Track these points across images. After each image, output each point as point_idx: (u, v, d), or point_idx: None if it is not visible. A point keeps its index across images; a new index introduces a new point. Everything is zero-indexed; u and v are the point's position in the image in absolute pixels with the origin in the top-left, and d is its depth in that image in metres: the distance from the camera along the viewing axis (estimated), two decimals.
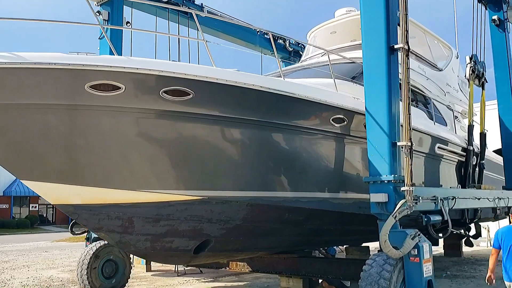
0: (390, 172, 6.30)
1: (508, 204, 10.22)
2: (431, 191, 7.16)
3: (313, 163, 7.78)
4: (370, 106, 6.63)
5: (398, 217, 6.03)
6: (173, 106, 6.04)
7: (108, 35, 11.02)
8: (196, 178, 6.69)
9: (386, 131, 6.36)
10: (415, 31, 13.31)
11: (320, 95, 7.29)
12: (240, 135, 6.87)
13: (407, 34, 6.47)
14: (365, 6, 6.78)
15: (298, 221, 8.06)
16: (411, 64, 11.32)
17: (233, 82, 6.23)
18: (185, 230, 7.03)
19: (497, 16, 11.88)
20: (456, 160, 11.63)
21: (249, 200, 7.14)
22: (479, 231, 15.62)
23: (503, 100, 11.79)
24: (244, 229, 7.56)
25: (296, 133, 7.40)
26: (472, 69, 11.71)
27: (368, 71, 6.70)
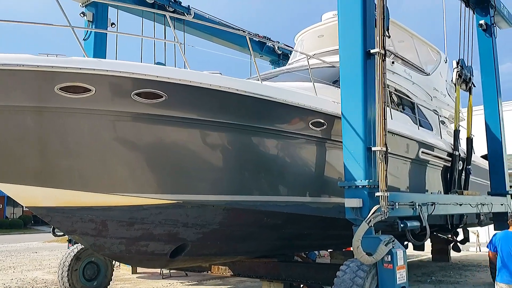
0: (365, 177, 6.26)
1: (492, 210, 10.17)
2: (408, 196, 7.12)
3: (292, 167, 7.72)
4: (346, 110, 6.59)
5: (371, 223, 5.99)
6: (146, 108, 5.98)
7: (92, 37, 11.01)
8: (170, 181, 6.63)
9: (361, 136, 6.32)
10: (403, 36, 13.30)
11: (298, 99, 7.25)
12: (216, 138, 6.81)
13: (383, 38, 6.42)
14: (342, 10, 6.74)
15: (276, 225, 8.00)
16: (397, 69, 11.43)
17: (207, 84, 6.18)
18: (160, 234, 6.97)
19: (484, 21, 11.86)
20: (442, 165, 11.59)
21: (226, 204, 7.08)
22: (467, 236, 15.65)
23: (489, 105, 11.77)
24: (221, 234, 7.50)
25: (274, 137, 7.35)
26: (459, 73, 11.68)
27: (344, 75, 6.66)
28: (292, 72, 9.89)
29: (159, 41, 11.34)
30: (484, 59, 11.90)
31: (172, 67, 6.29)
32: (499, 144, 11.45)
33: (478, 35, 11.97)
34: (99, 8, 11.02)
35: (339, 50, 6.85)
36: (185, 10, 12.71)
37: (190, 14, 12.85)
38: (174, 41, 6.62)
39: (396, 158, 9.58)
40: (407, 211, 6.90)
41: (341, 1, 6.77)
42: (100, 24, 11.16)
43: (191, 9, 12.87)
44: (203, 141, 6.67)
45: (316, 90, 7.88)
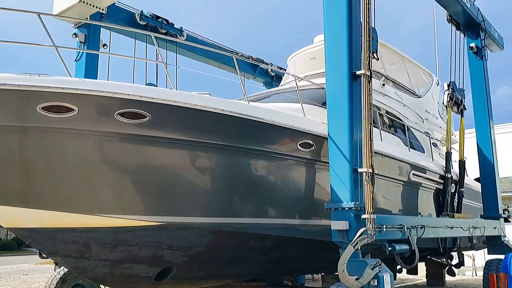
0: (351, 199, 6.18)
1: (485, 233, 10.07)
2: (397, 219, 7.03)
3: (280, 189, 7.65)
4: (332, 131, 6.55)
5: (358, 246, 5.89)
6: (130, 129, 5.94)
7: (84, 58, 11.03)
8: (155, 203, 6.54)
9: (347, 157, 6.26)
10: (395, 58, 13.38)
11: (286, 120, 7.22)
12: (203, 159, 6.76)
13: (369, 60, 6.43)
14: (328, 32, 6.77)
15: (265, 248, 7.87)
16: (388, 91, 11.45)
17: (192, 105, 6.15)
18: (144, 256, 6.84)
19: (474, 44, 11.95)
20: (434, 188, 11.52)
21: (212, 227, 6.98)
22: (462, 260, 15.43)
23: (480, 127, 11.77)
24: (208, 256, 7.37)
25: (262, 158, 7.30)
26: (450, 96, 11.73)
27: (330, 96, 6.65)
28: (282, 93, 9.89)
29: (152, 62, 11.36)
30: (475, 81, 11.95)
31: (156, 87, 6.26)
32: (491, 166, 11.41)
33: (469, 58, 12.05)
34: (91, 30, 11.04)
35: (325, 71, 6.85)
36: (178, 32, 12.77)
37: (183, 36, 12.91)
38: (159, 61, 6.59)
39: (386, 180, 9.52)
40: (395, 234, 6.81)
41: (327, 23, 6.80)
42: (92, 45, 11.17)
43: (183, 31, 12.93)
44: (189, 162, 6.61)
45: (305, 111, 7.86)
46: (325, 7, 6.84)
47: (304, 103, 8.11)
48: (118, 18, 11.77)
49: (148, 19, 12.20)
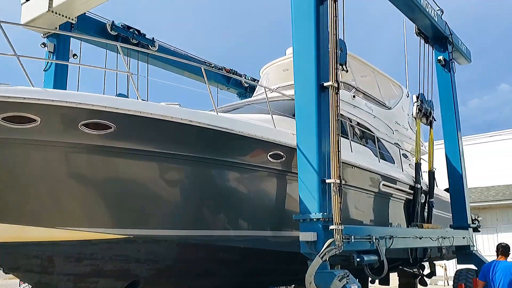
0: (319, 210, 6.18)
1: (454, 243, 10.19)
2: (365, 230, 7.05)
3: (250, 201, 7.60)
4: (301, 143, 6.57)
5: (325, 257, 5.87)
6: (94, 140, 5.83)
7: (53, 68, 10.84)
8: (120, 215, 6.42)
9: (315, 168, 6.27)
10: (366, 71, 13.58)
11: (255, 130, 7.20)
12: (170, 171, 6.68)
13: (336, 72, 6.48)
14: (296, 44, 6.81)
15: (235, 261, 7.79)
16: (358, 103, 11.57)
17: (158, 115, 6.07)
18: (110, 270, 6.68)
19: (442, 57, 12.19)
20: (404, 198, 11.65)
21: (180, 239, 6.88)
22: (434, 270, 15.60)
23: (449, 138, 11.97)
24: (176, 270, 7.26)
25: (231, 169, 7.25)
26: (419, 107, 11.90)
27: (299, 108, 6.67)
28: (254, 104, 9.90)
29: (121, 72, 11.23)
30: (443, 93, 12.17)
31: (121, 98, 6.18)
32: (459, 177, 11.60)
33: (437, 70, 12.28)
34: (61, 39, 10.87)
35: (294, 83, 6.88)
36: (149, 43, 12.68)
37: (155, 46, 12.83)
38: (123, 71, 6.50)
39: (357, 191, 9.58)
40: (363, 244, 6.82)
41: (295, 35, 6.84)
42: (62, 55, 10.99)
43: (155, 41, 12.85)
44: (156, 174, 6.52)
45: (275, 123, 7.86)
46: (293, 19, 6.89)
47: (275, 114, 8.12)
48: (88, 28, 11.63)
49: (119, 30, 12.09)
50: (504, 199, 19.36)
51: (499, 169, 21.52)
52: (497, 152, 21.55)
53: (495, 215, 19.96)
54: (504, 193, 19.96)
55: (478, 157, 22.10)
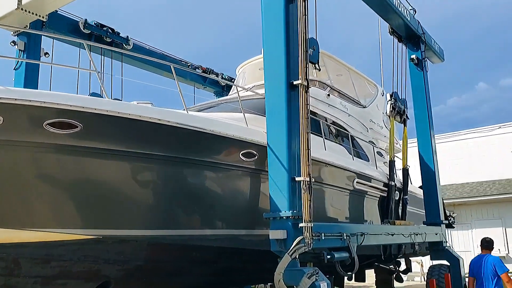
0: (289, 208, 6.19)
1: (426, 239, 10.33)
2: (336, 227, 7.10)
3: (222, 200, 7.58)
4: (271, 141, 6.57)
5: (294, 255, 5.89)
6: (60, 139, 5.73)
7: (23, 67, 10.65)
8: (88, 216, 6.33)
9: (285, 166, 6.28)
10: (341, 69, 13.68)
11: (226, 129, 7.18)
12: (138, 170, 6.61)
13: (306, 70, 6.50)
14: (266, 42, 6.81)
15: (208, 260, 7.77)
16: (333, 101, 11.64)
17: (126, 114, 6.01)
18: (79, 271, 6.58)
19: (415, 55, 12.34)
20: (378, 196, 11.76)
21: (150, 239, 6.82)
22: (409, 266, 15.80)
23: (422, 137, 12.13)
24: (147, 270, 7.19)
25: (201, 169, 7.22)
26: (393, 106, 12.03)
27: (269, 106, 6.67)
28: (227, 103, 9.88)
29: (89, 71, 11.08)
30: (416, 92, 12.33)
31: (87, 96, 6.10)
32: (432, 174, 11.77)
33: (410, 69, 12.43)
34: (32, 38, 10.69)
35: (264, 81, 6.89)
36: (124, 41, 12.56)
37: (129, 45, 12.72)
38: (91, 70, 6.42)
39: (330, 188, 9.64)
40: (334, 242, 6.86)
41: (265, 33, 6.84)
42: (33, 53, 10.80)
43: (129, 40, 12.73)
44: (124, 174, 6.45)
45: (247, 121, 7.85)
46: (263, 18, 6.89)
47: (248, 113, 8.11)
48: (60, 26, 11.47)
49: (93, 28, 11.95)
50: (478, 196, 19.71)
51: (473, 166, 21.91)
52: (471, 149, 21.93)
53: (470, 212, 20.31)
54: (478, 190, 20.33)
55: (453, 154, 22.47)
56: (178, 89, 6.98)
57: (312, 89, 11.16)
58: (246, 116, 7.97)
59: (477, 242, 19.93)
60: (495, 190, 19.76)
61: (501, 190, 19.54)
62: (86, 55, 11.84)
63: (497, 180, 20.99)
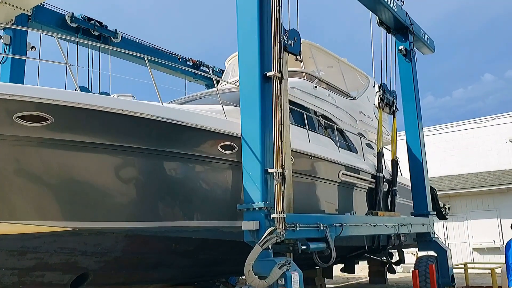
0: (261, 199, 6.21)
1: (412, 230, 10.34)
2: (312, 218, 7.11)
3: (200, 192, 7.59)
4: (245, 132, 6.58)
5: (266, 246, 5.91)
6: (31, 132, 5.76)
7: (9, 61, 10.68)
8: (63, 208, 6.36)
9: (259, 158, 6.30)
10: (331, 61, 13.64)
11: (203, 121, 7.18)
12: (114, 162, 6.62)
13: (279, 62, 6.50)
14: (240, 33, 6.79)
15: (189, 252, 7.81)
16: (320, 93, 11.62)
17: (98, 106, 6.03)
18: (56, 263, 6.63)
19: (403, 46, 12.30)
20: (367, 187, 11.77)
21: (127, 231, 6.86)
22: (402, 257, 15.82)
23: (410, 129, 12.11)
24: (126, 262, 7.24)
25: (179, 161, 7.23)
26: (381, 97, 12.01)
27: (243, 98, 6.67)
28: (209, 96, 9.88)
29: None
30: (404, 83, 12.29)
31: (58, 89, 6.10)
32: (420, 166, 11.76)
33: (399, 60, 12.39)
34: (17, 32, 10.70)
35: (239, 72, 6.88)
36: (112, 34, 12.56)
37: (117, 38, 12.71)
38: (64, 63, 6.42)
39: (314, 180, 9.65)
40: (310, 232, 6.88)
41: (239, 23, 6.81)
42: (19, 48, 10.82)
43: (118, 33, 12.72)
44: (98, 166, 6.46)
45: (228, 113, 7.83)
46: (238, 7, 6.86)
47: (228, 105, 8.11)
48: (46, 20, 11.47)
49: (80, 21, 11.95)
50: (473, 187, 19.64)
51: (468, 157, 21.83)
52: (467, 140, 21.84)
53: (465, 203, 20.25)
54: (473, 181, 20.26)
55: (448, 146, 22.40)
56: (153, 81, 6.97)
57: (298, 81, 11.27)
58: (227, 109, 7.96)
59: (472, 233, 20.03)
60: (490, 181, 19.70)
61: (496, 181, 19.47)
62: (75, 48, 12.03)
63: (492, 171, 20.92)
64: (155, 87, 6.98)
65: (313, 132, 10.63)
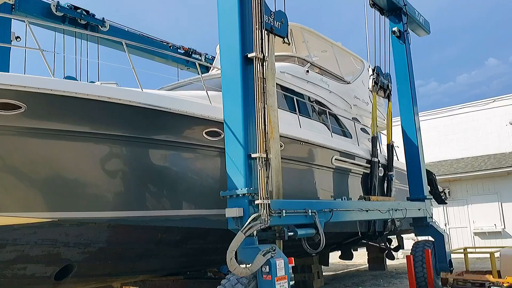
0: (245, 185, 6.01)
1: (407, 215, 10.13)
2: (300, 203, 6.90)
3: (186, 179, 7.41)
4: (227, 117, 6.36)
5: (249, 233, 5.72)
6: (4, 120, 5.57)
7: None
8: (42, 198, 6.19)
9: (241, 143, 6.08)
10: (324, 45, 13.39)
11: (183, 107, 6.97)
12: (93, 150, 6.43)
13: (261, 42, 6.26)
14: (221, 14, 6.54)
15: (176, 241, 7.64)
16: (312, 78, 11.38)
17: (72, 93, 5.83)
18: (38, 255, 6.47)
19: (397, 28, 12.01)
20: (361, 173, 11.56)
21: (110, 221, 6.69)
22: (401, 243, 15.68)
23: (404, 112, 11.86)
24: (111, 252, 7.07)
25: (163, 148, 7.05)
26: (375, 80, 11.76)
27: (225, 81, 6.44)
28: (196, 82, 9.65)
29: None
30: (398, 66, 12.03)
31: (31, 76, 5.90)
32: (415, 149, 11.53)
33: (392, 42, 12.12)
34: (0, 21, 10.48)
35: (220, 55, 6.66)
36: (99, 23, 12.32)
37: (105, 27, 12.48)
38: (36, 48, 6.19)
39: (306, 166, 9.46)
40: (298, 218, 6.69)
41: (219, 4, 6.56)
42: (2, 37, 10.61)
43: (105, 21, 12.48)
44: (77, 155, 6.28)
45: (213, 99, 7.62)
46: None
47: (214, 91, 7.89)
48: (31, 9, 11.25)
49: (66, 10, 11.73)
50: (473, 171, 19.38)
51: (468, 141, 21.55)
52: (466, 124, 21.55)
53: (465, 187, 20.02)
54: (473, 165, 19.99)
55: (447, 130, 22.12)
56: (131, 66, 6.76)
57: (289, 65, 11.03)
58: (213, 94, 7.75)
59: (473, 217, 19.82)
60: (490, 165, 19.42)
61: (496, 165, 19.20)
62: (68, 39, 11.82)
63: (492, 155, 20.63)
64: (134, 72, 6.77)
65: (305, 118, 10.41)
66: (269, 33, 7.75)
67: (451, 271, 10.66)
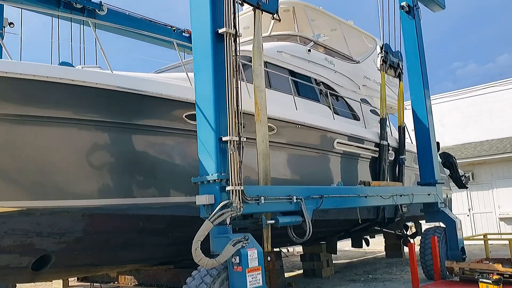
0: (216, 171, 5.59)
1: (414, 200, 9.52)
2: (283, 189, 6.45)
3: (166, 165, 7.08)
4: (199, 98, 5.93)
5: (218, 221, 5.32)
6: None
7: None
8: (9, 186, 5.95)
9: (212, 126, 5.65)
10: (333, 24, 12.79)
11: (159, 89, 6.61)
12: (64, 135, 6.14)
13: (233, 17, 5.79)
14: None
15: (160, 230, 7.34)
16: (314, 57, 10.82)
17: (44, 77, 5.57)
18: (10, 245, 6.25)
19: (406, 2, 11.27)
20: (369, 157, 11.00)
21: (84, 210, 6.41)
22: (419, 230, 15.05)
23: (414, 91, 11.14)
24: (90, 242, 6.81)
25: (139, 133, 6.72)
26: (384, 59, 11.14)
27: (196, 59, 6.00)
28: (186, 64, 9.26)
29: None
30: (408, 43, 11.31)
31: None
32: (427, 132, 10.84)
33: (401, 17, 11.39)
34: None
35: (191, 31, 6.22)
36: (96, 7, 12.00)
37: (103, 10, 12.17)
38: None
39: (302, 150, 8.98)
40: (280, 206, 6.25)
41: None
42: None
43: (103, 5, 12.17)
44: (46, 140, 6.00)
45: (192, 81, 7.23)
46: None
47: None
48: None
49: None
50: (498, 153, 18.36)
51: (493, 122, 20.46)
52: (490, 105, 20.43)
53: (490, 170, 19.03)
54: (498, 147, 18.94)
55: (471, 111, 21.05)
56: (100, 47, 6.43)
57: (288, 44, 10.50)
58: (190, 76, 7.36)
59: (498, 202, 18.87)
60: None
61: None
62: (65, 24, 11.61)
63: None
64: (102, 53, 6.43)
65: (306, 100, 9.92)
66: (256, 9, 7.29)
67: (463, 258, 10.02)
